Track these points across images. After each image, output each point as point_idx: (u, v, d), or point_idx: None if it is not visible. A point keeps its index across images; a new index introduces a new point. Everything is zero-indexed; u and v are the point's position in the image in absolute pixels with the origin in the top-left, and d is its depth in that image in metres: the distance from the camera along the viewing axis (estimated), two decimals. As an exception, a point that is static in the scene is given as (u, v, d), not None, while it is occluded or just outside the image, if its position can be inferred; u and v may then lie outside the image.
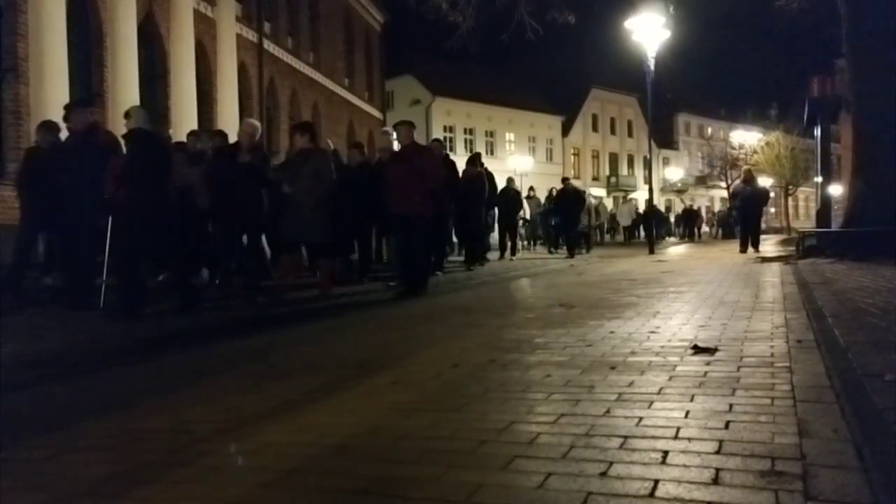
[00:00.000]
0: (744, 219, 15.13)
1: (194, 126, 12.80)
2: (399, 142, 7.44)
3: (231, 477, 1.83)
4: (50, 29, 10.70)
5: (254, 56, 18.23)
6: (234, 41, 16.95)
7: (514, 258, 13.45)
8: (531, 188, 20.86)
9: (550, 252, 14.50)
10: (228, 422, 2.37)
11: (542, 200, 19.44)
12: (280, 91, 19.98)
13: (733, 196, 16.22)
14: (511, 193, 14.27)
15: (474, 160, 11.36)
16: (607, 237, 29.16)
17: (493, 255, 13.21)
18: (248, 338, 4.44)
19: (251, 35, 18.23)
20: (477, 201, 10.31)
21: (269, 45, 19.16)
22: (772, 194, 56.24)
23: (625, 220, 27.94)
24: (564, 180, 16.40)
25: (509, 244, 13.88)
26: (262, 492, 1.71)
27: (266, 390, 2.87)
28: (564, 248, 15.23)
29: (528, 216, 19.54)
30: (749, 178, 15.42)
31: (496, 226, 14.03)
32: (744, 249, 13.80)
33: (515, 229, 14.85)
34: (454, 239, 13.11)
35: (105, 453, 2.09)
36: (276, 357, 3.77)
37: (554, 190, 18.20)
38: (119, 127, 7.30)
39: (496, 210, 13.33)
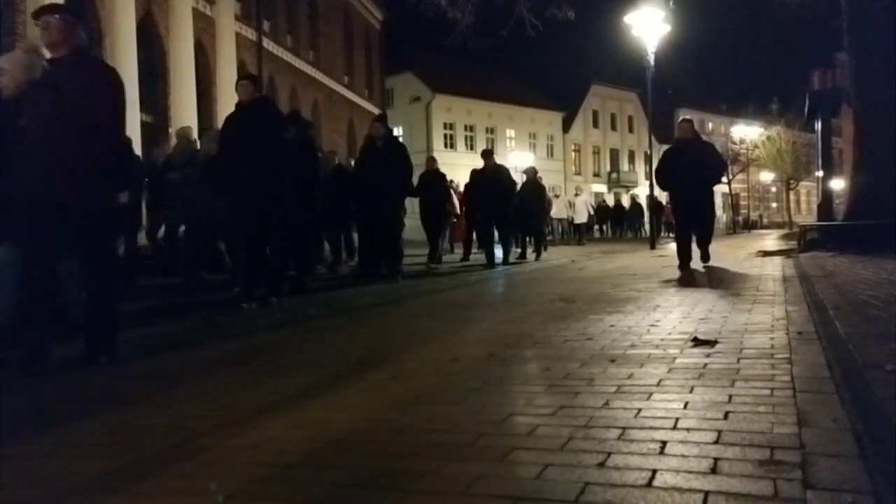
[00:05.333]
0: (677, 209, 8.84)
1: (193, 124, 12.79)
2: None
3: (230, 472, 1.82)
4: (48, 29, 10.70)
5: (253, 54, 18.24)
6: (234, 39, 16.95)
7: (432, 266, 10.08)
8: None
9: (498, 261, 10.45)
10: (227, 417, 2.37)
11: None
12: (280, 89, 19.98)
13: (661, 170, 8.55)
14: (433, 178, 10.75)
15: (298, 119, 7.52)
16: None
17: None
18: (246, 335, 4.44)
19: (250, 33, 18.23)
20: (308, 181, 6.82)
21: (268, 44, 19.15)
22: (771, 177, 54.64)
23: (580, 216, 22.51)
24: (486, 154, 10.95)
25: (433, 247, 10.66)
26: (260, 486, 1.71)
27: (265, 386, 2.86)
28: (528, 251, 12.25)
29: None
30: (686, 139, 8.37)
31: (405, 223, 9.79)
32: (682, 263, 8.13)
33: (440, 227, 11.11)
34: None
35: (104, 449, 2.09)
36: (274, 353, 3.77)
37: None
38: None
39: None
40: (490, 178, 10.47)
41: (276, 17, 19.95)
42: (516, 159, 35.19)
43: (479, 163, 10.91)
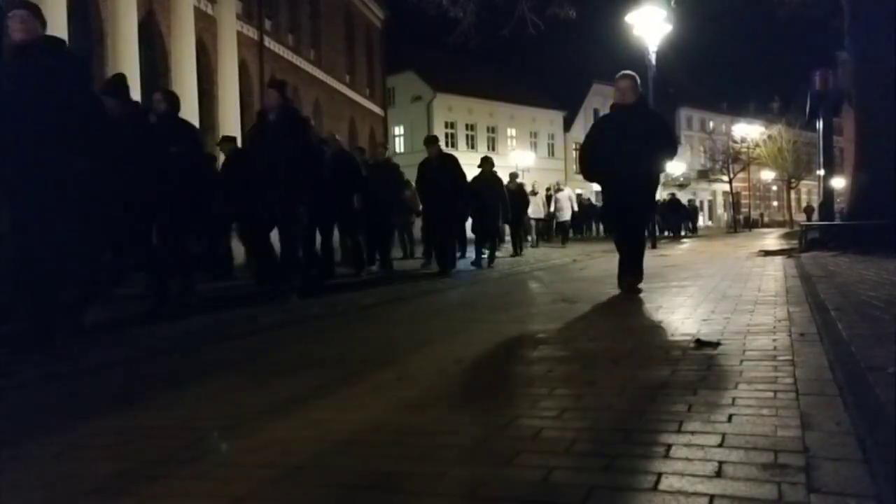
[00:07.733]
0: (611, 206, 6.30)
1: (195, 124, 12.79)
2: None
3: (237, 473, 1.83)
4: (50, 28, 10.70)
5: (255, 53, 18.25)
6: (235, 39, 16.96)
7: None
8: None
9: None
10: (233, 418, 2.38)
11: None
12: (281, 88, 19.95)
13: (589, 150, 6.23)
14: (378, 169, 9.65)
15: (119, 88, 5.61)
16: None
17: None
18: (250, 336, 4.45)
19: (252, 32, 18.24)
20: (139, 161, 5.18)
21: (269, 43, 19.16)
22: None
23: (563, 214, 20.14)
24: (428, 141, 9.44)
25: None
26: (267, 487, 1.72)
27: (270, 387, 2.88)
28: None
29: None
30: (625, 104, 6.01)
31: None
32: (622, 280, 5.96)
33: (378, 230, 9.61)
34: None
35: (111, 451, 2.10)
36: (279, 354, 3.78)
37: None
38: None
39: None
40: (436, 167, 8.99)
41: (277, 16, 19.96)
42: (518, 158, 35.28)
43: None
